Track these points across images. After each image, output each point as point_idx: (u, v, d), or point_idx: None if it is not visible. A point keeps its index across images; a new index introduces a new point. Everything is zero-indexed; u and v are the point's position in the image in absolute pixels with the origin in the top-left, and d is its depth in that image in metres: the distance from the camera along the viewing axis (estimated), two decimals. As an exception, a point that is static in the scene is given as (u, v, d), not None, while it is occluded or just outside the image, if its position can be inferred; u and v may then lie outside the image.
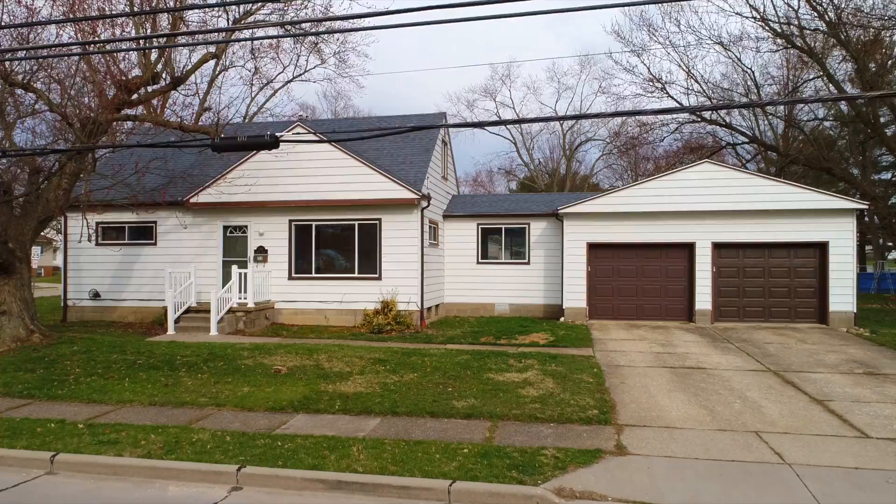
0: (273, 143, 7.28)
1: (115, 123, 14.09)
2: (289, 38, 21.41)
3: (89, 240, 15.90)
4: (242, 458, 6.54)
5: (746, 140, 28.19)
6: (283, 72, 38.18)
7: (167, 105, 33.85)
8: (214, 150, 7.51)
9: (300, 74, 38.44)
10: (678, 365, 11.27)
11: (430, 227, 17.33)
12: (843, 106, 29.96)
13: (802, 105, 29.23)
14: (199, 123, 15.15)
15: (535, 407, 8.36)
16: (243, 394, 9.23)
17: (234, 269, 15.45)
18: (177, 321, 15.11)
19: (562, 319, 17.26)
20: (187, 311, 15.55)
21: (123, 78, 13.43)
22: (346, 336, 14.60)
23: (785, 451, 6.76)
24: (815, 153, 25.60)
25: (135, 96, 13.92)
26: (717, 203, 16.41)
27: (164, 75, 14.18)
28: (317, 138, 15.06)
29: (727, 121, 28.06)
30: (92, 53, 11.95)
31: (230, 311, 15.22)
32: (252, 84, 35.85)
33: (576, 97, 66.94)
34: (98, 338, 13.93)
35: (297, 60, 46.94)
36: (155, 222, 17.23)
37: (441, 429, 7.59)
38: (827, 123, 31.08)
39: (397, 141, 18.68)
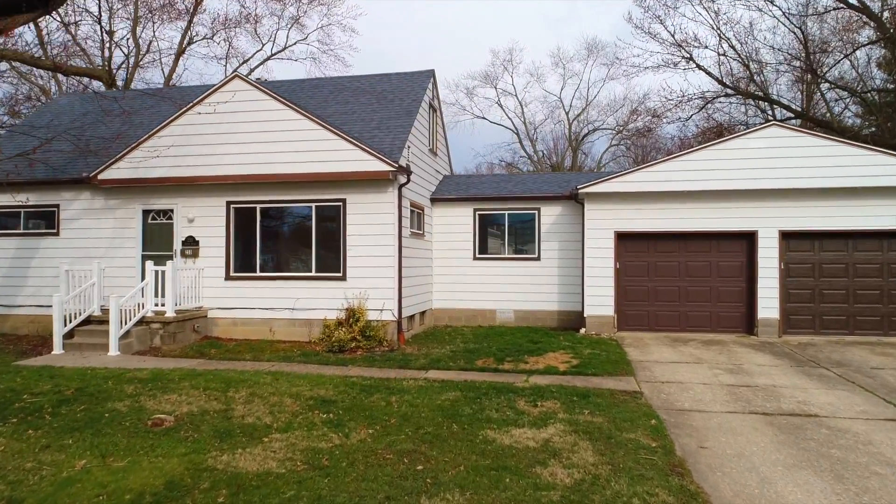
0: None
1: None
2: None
3: None
4: None
5: (792, 115, 24.09)
6: (261, 49, 34.50)
7: (133, 79, 29.59)
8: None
9: (279, 52, 34.76)
10: (773, 409, 7.45)
11: (412, 211, 13.51)
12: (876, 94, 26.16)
13: (828, 88, 25.21)
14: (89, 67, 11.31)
15: (570, 515, 4.56)
16: (70, 475, 5.42)
17: (149, 265, 11.64)
18: (70, 335, 11.32)
19: (582, 331, 13.43)
20: (87, 321, 11.74)
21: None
22: (295, 356, 10.79)
23: None
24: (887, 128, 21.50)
25: None
26: (787, 179, 12.57)
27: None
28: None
29: (766, 92, 24.07)
30: None
31: (143, 321, 11.41)
32: (227, 59, 32.10)
33: (582, 83, 62.83)
34: (-54, 361, 10.13)
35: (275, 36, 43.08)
36: (57, 206, 13.38)
37: (391, 576, 3.79)
38: (852, 109, 27.14)
39: (371, 103, 14.80)
